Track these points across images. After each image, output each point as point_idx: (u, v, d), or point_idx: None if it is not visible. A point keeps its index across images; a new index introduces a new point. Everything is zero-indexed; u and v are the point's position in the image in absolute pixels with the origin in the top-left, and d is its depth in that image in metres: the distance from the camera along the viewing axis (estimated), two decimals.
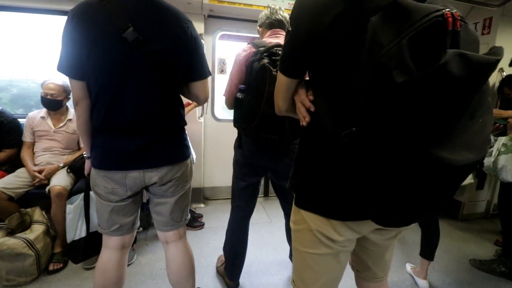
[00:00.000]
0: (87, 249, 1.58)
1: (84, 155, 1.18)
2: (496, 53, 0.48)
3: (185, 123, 1.13)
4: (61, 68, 0.93)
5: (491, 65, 0.46)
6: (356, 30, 0.56)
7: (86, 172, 1.18)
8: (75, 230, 1.62)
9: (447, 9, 0.47)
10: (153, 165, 1.03)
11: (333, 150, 0.63)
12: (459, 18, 0.47)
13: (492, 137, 1.85)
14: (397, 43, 0.46)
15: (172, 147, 1.07)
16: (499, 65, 2.38)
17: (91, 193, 1.63)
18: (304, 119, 0.71)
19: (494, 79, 2.44)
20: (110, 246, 1.10)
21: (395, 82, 0.45)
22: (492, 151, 1.86)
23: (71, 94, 1.96)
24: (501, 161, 1.77)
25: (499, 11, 2.34)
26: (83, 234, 1.62)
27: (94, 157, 1.02)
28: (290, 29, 0.66)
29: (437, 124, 0.47)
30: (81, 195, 1.62)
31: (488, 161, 1.84)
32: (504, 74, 2.38)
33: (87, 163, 1.15)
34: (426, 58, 0.47)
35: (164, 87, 1.00)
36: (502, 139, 1.83)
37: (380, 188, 0.55)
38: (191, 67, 1.05)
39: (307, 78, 0.74)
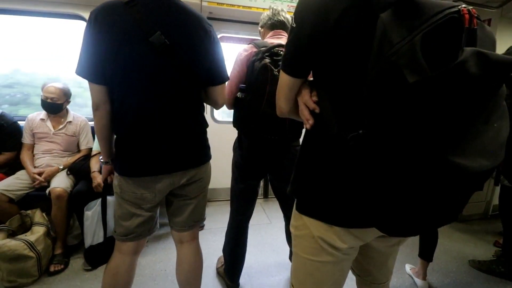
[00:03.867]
0: (105, 254, 1.55)
1: (101, 160, 1.15)
2: None
3: (207, 125, 1.13)
4: (81, 72, 0.89)
5: (511, 65, 0.43)
6: (364, 27, 0.52)
7: (103, 178, 1.17)
8: (93, 236, 1.67)
9: (463, 5, 0.43)
10: (182, 167, 1.04)
11: (337, 153, 0.60)
12: (475, 15, 0.44)
13: None
14: (409, 40, 0.43)
15: (197, 150, 1.08)
16: None
17: (108, 198, 1.67)
18: (308, 121, 0.67)
19: None
20: (124, 251, 1.09)
21: (406, 82, 0.42)
22: None
23: (70, 97, 1.98)
24: None
25: (498, 12, 2.35)
26: (101, 239, 1.69)
27: (122, 165, 1.00)
28: (294, 25, 0.61)
29: (451, 128, 0.43)
30: (99, 201, 1.64)
31: None
32: None
33: (105, 169, 1.14)
34: (440, 56, 0.43)
35: (190, 91, 1.00)
36: None
37: (388, 195, 0.51)
38: (212, 70, 1.04)
39: (311, 78, 0.70)
